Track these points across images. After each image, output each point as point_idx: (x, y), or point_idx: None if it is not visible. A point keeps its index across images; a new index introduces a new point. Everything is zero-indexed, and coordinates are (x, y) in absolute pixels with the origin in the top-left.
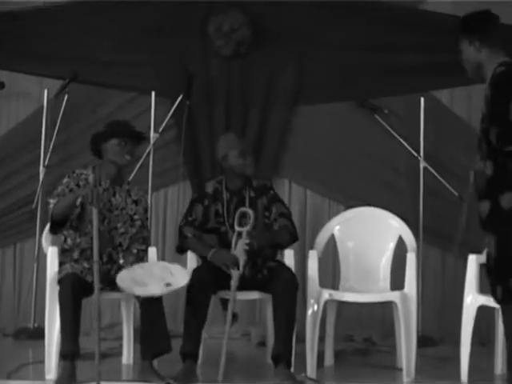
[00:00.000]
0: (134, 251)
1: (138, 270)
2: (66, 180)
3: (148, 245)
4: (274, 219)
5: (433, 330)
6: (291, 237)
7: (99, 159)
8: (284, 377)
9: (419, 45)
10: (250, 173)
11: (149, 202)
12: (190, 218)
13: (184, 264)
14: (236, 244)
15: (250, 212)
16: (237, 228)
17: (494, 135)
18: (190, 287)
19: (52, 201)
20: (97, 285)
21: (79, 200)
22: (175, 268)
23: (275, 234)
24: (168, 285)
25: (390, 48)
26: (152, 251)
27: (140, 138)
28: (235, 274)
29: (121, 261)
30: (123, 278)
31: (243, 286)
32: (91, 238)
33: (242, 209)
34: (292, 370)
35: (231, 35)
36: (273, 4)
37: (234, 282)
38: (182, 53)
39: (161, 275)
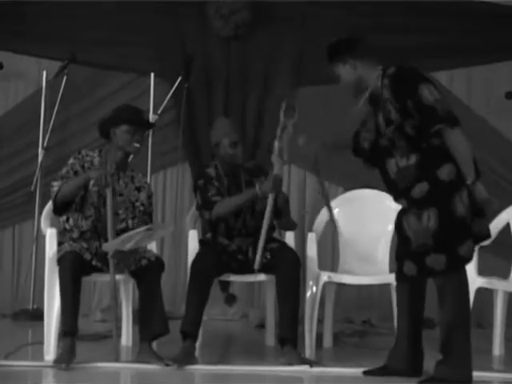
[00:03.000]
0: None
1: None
2: (71, 161)
3: None
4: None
5: (431, 312)
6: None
7: (107, 141)
8: (292, 357)
9: (417, 26)
10: (240, 162)
11: (152, 190)
12: (209, 194)
13: (185, 245)
14: (281, 136)
15: (295, 106)
16: (282, 118)
17: (409, 127)
18: (194, 269)
19: (56, 183)
20: (112, 268)
21: (91, 183)
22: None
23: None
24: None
25: (388, 29)
26: None
27: (150, 127)
28: (271, 199)
29: None
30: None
31: (247, 268)
32: (92, 222)
33: (288, 100)
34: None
35: (230, 17)
36: None
37: (269, 207)
38: (182, 34)
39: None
